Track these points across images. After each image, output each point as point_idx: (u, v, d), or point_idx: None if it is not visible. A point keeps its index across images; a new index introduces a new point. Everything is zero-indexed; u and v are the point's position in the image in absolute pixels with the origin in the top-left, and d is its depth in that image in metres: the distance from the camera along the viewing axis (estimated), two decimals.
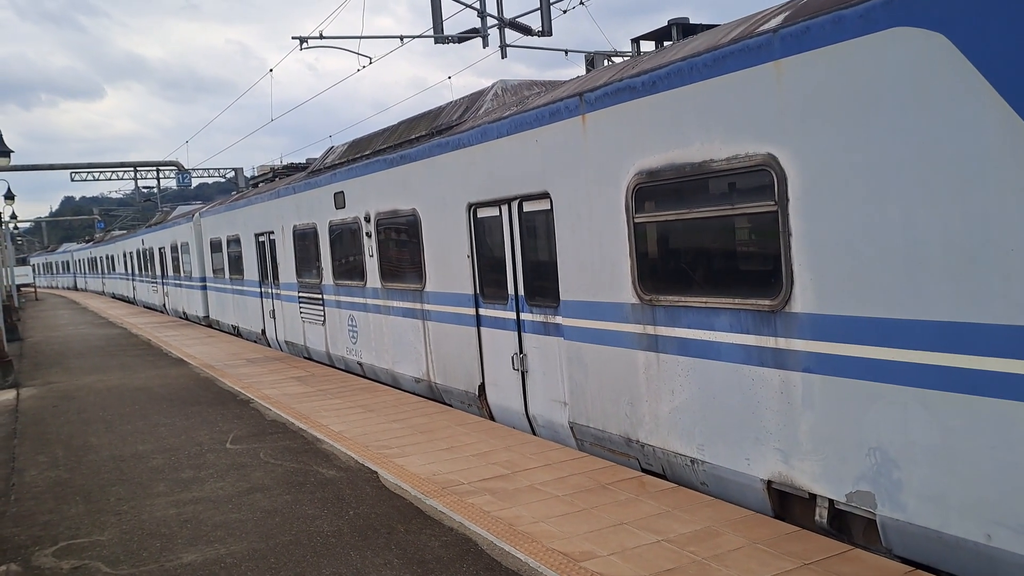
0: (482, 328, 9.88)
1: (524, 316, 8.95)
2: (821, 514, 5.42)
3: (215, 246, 23.71)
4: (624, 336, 7.21)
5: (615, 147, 7.10)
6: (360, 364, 13.91)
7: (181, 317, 30.16)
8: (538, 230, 8.64)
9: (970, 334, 4.34)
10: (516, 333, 9.12)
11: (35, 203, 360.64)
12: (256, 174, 27.72)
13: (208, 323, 26.18)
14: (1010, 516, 4.22)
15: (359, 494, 7.28)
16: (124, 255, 44.22)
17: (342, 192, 13.79)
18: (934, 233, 4.49)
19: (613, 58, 10.85)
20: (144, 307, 38.53)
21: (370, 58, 20.61)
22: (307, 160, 21.50)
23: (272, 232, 17.97)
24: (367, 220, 12.83)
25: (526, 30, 19.52)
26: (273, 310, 18.68)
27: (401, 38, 19.82)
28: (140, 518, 7.08)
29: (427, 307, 11.17)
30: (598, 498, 6.63)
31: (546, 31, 19.41)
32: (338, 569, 5.63)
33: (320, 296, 15.33)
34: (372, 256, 12.86)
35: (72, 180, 51.92)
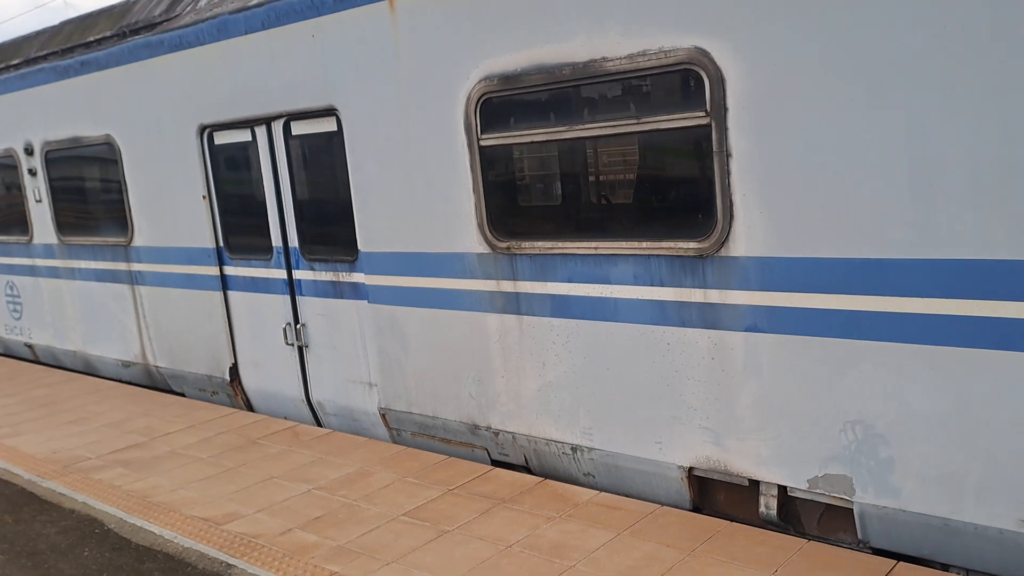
0: (230, 292, 7.47)
1: (301, 275, 6.80)
2: (768, 504, 4.41)
3: None
4: (467, 296, 5.55)
5: (447, 44, 5.28)
6: (30, 347, 10.35)
7: None
8: (319, 159, 6.50)
9: (1004, 275, 3.47)
10: (289, 297, 6.93)
11: None
12: None
13: None
14: None
15: None
16: None
17: None
18: (955, 147, 3.52)
19: None
20: None
21: None
22: None
23: None
24: (29, 152, 9.31)
25: None
26: None
27: None
28: None
29: (138, 267, 8.32)
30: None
31: None
32: None
33: None
34: (40, 201, 9.41)
35: None
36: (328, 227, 6.51)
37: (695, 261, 4.40)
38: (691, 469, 4.68)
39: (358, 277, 6.33)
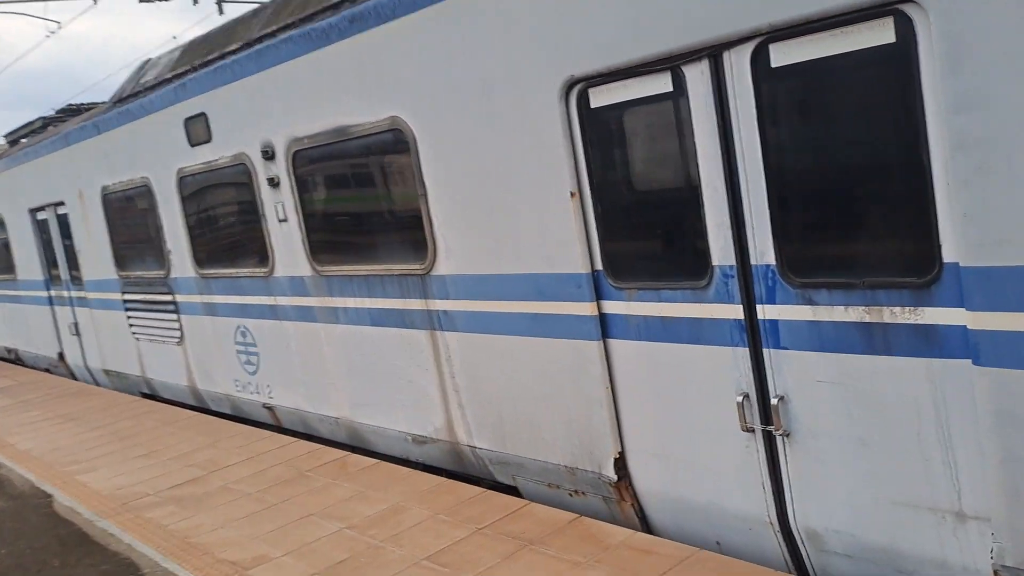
0: (615, 341, 4.70)
1: (778, 311, 3.90)
2: None
3: None
4: None
5: None
6: (270, 409, 8.11)
7: None
8: (839, 104, 3.59)
9: None
10: (747, 350, 4.06)
11: None
12: None
13: None
14: None
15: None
16: None
17: (204, 115, 7.79)
18: None
19: None
20: None
21: (58, 22, 19.63)
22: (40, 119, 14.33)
23: (62, 203, 11.29)
24: (268, 156, 7.02)
25: None
26: (77, 323, 12.03)
27: None
28: None
29: (443, 305, 5.75)
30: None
31: None
32: None
33: (170, 297, 9.19)
34: (285, 220, 7.10)
35: None
36: (853, 223, 3.59)
37: None
38: None
39: (942, 315, 3.36)
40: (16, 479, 7.82)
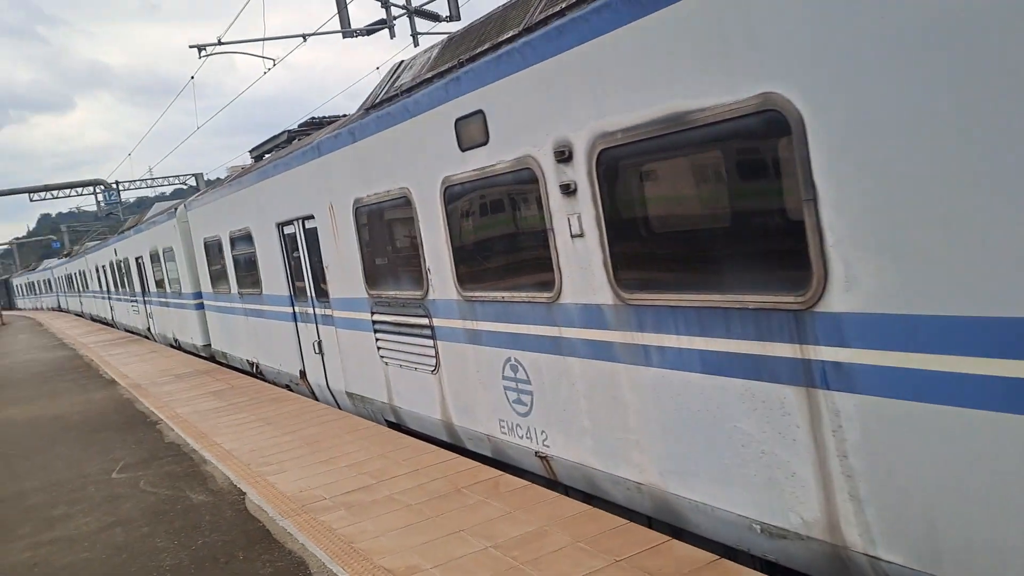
0: None
1: None
2: None
3: (212, 248, 16.59)
4: None
5: None
6: (544, 459, 6.82)
7: (172, 345, 23.01)
8: None
9: None
10: None
11: (9, 223, 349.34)
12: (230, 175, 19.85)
13: (211, 355, 19.06)
14: None
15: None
16: (98, 269, 36.78)
17: (480, 113, 6.69)
18: None
19: None
20: (126, 331, 31.13)
21: (273, 59, 20.77)
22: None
23: (311, 217, 10.87)
24: (563, 158, 5.74)
25: (434, 17, 19.23)
26: (320, 342, 11.60)
27: (304, 36, 19.48)
28: None
29: (831, 355, 4.09)
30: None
31: (454, 16, 18.96)
32: None
33: (426, 320, 8.23)
34: (581, 236, 5.77)
35: (31, 201, 45.46)
36: None
37: None
38: None
39: None
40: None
